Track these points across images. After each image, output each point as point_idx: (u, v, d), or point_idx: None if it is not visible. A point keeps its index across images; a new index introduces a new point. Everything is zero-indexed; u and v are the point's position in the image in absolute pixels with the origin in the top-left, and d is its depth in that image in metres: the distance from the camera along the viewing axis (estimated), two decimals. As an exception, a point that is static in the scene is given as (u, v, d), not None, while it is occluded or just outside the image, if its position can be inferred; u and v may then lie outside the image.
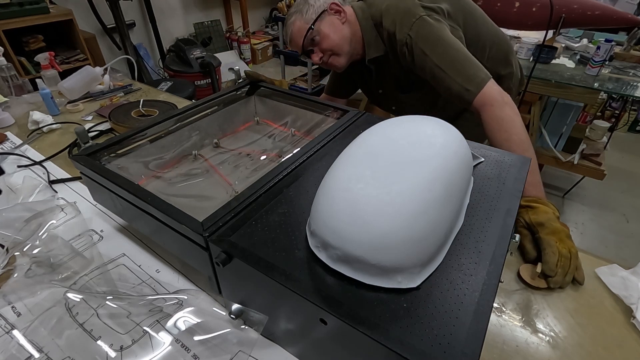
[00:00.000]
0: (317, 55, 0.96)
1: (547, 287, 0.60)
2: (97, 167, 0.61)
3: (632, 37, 1.97)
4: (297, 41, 0.95)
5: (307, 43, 0.94)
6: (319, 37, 0.93)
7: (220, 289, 0.53)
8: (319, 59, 0.96)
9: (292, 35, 0.96)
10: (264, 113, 0.95)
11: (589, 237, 1.98)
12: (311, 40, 0.94)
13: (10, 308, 0.57)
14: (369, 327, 0.35)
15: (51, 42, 2.26)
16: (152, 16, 3.04)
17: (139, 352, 0.50)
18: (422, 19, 0.84)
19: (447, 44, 0.84)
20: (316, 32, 0.92)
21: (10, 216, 0.68)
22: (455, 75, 0.83)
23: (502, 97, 0.81)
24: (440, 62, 0.83)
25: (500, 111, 0.80)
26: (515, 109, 0.81)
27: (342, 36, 0.93)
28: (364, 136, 0.51)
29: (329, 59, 0.96)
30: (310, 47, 0.95)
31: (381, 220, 0.38)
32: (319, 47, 0.94)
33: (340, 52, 0.95)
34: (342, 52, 0.95)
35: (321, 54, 0.95)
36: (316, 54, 0.96)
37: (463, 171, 0.49)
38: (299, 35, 0.94)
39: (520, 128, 0.78)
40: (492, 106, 0.80)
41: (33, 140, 1.05)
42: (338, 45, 0.93)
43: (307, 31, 0.92)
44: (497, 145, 0.79)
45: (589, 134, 2.12)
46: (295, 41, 0.96)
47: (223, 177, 0.74)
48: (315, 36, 0.93)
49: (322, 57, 0.96)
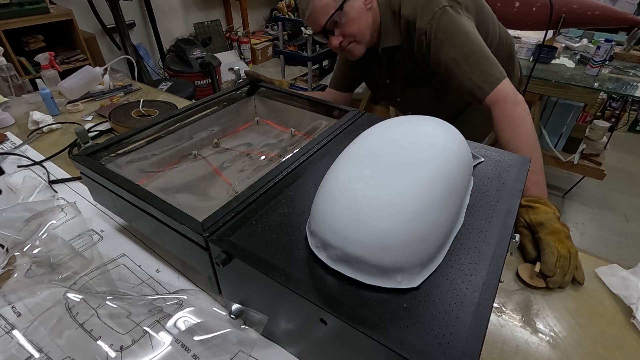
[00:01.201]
0: (337, 39, 0.89)
1: (546, 287, 0.60)
2: (97, 167, 0.61)
3: (632, 37, 1.97)
4: (319, 19, 0.86)
5: (330, 24, 0.86)
6: (344, 20, 0.86)
7: (220, 289, 0.53)
8: (338, 44, 0.90)
9: (313, 10, 0.86)
10: (264, 113, 0.95)
11: (589, 237, 1.98)
12: (334, 22, 0.87)
13: (10, 308, 0.57)
14: (369, 327, 0.35)
15: (51, 42, 2.26)
16: (152, 16, 3.05)
17: (139, 352, 0.50)
18: (445, 9, 0.81)
19: (466, 38, 0.82)
20: (344, 15, 0.85)
21: (10, 216, 0.68)
22: (470, 71, 0.81)
23: (516, 96, 0.80)
24: (457, 56, 0.81)
25: (512, 109, 0.79)
26: (527, 109, 0.80)
27: (366, 23, 0.88)
28: (364, 136, 0.51)
29: (349, 45, 0.90)
30: (332, 28, 0.88)
31: (381, 220, 0.38)
32: (341, 30, 0.88)
33: (361, 40, 0.90)
34: (364, 40, 0.90)
35: (341, 39, 0.89)
36: (336, 38, 0.89)
37: (463, 171, 0.49)
38: (324, 12, 0.85)
39: (530, 128, 0.78)
40: (504, 104, 0.80)
41: (33, 140, 1.05)
42: (362, 33, 0.88)
43: (335, 11, 0.84)
44: (504, 142, 0.79)
45: (589, 134, 2.12)
46: (316, 18, 0.87)
47: (223, 177, 0.74)
48: (341, 18, 0.86)
49: (342, 41, 0.89)
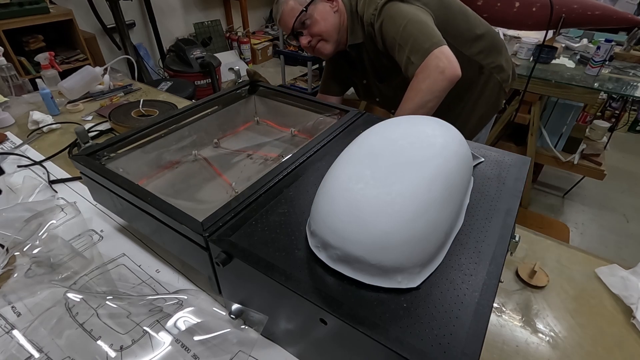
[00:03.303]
0: (306, 38, 0.97)
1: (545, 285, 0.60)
2: (97, 167, 0.61)
3: (632, 37, 1.97)
4: (288, 21, 0.96)
5: (297, 25, 0.95)
6: (309, 21, 0.95)
7: (220, 289, 0.53)
8: (307, 42, 0.98)
9: (282, 14, 0.96)
10: (264, 113, 0.95)
11: (589, 237, 1.98)
12: (302, 23, 0.95)
13: (10, 308, 0.57)
14: (369, 327, 0.35)
15: (51, 42, 2.26)
16: (152, 16, 3.04)
17: (139, 352, 0.50)
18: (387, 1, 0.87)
19: (406, 18, 0.84)
20: (308, 16, 0.94)
21: (10, 216, 0.68)
22: (405, 46, 0.83)
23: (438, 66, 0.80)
24: (396, 35, 0.85)
25: (418, 81, 0.82)
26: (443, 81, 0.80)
27: (332, 23, 0.95)
28: (364, 136, 0.51)
29: (317, 44, 0.98)
30: (300, 29, 0.97)
31: (381, 220, 0.38)
32: (308, 30, 0.96)
33: (328, 39, 0.97)
34: (331, 39, 0.97)
35: (310, 38, 0.97)
36: (305, 37, 0.97)
37: (463, 171, 0.49)
38: (291, 15, 0.94)
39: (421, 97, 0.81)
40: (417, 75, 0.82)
41: (33, 140, 1.05)
42: (327, 32, 0.96)
43: (300, 13, 0.93)
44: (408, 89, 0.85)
45: (589, 134, 2.11)
46: (285, 21, 0.96)
47: (223, 177, 0.74)
48: (306, 19, 0.95)
49: (310, 41, 0.97)
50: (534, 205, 2.17)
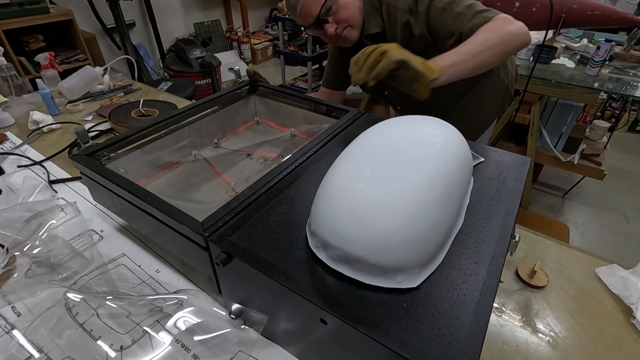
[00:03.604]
0: (332, 26, 0.90)
1: (545, 285, 0.60)
2: (97, 167, 0.61)
3: (632, 37, 1.97)
4: (313, 8, 0.87)
5: (323, 12, 0.87)
6: (336, 6, 0.88)
7: (220, 289, 0.53)
8: (334, 30, 0.90)
9: (305, 2, 0.87)
10: (264, 113, 0.95)
11: (589, 237, 1.98)
12: (327, 11, 0.88)
13: (10, 308, 0.57)
14: (369, 327, 0.35)
15: (51, 42, 2.26)
16: (152, 16, 3.04)
17: (139, 352, 0.50)
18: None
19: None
20: (333, 1, 0.87)
21: (10, 216, 0.68)
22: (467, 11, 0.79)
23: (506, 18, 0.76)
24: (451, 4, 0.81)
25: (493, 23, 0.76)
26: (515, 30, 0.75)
27: (356, 6, 0.89)
28: (364, 136, 0.51)
29: (344, 31, 0.91)
30: (325, 17, 0.89)
31: (381, 220, 0.38)
32: (334, 17, 0.89)
33: (355, 24, 0.91)
34: (357, 24, 0.91)
35: (336, 25, 0.90)
36: (331, 25, 0.90)
37: (463, 171, 0.49)
38: (316, 2, 0.86)
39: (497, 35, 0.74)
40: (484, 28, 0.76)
41: (33, 140, 1.05)
42: (354, 17, 0.89)
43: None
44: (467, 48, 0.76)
45: (589, 134, 2.11)
46: (309, 8, 0.87)
47: (223, 177, 0.74)
48: (333, 4, 0.87)
49: (337, 28, 0.90)
50: (534, 205, 2.17)
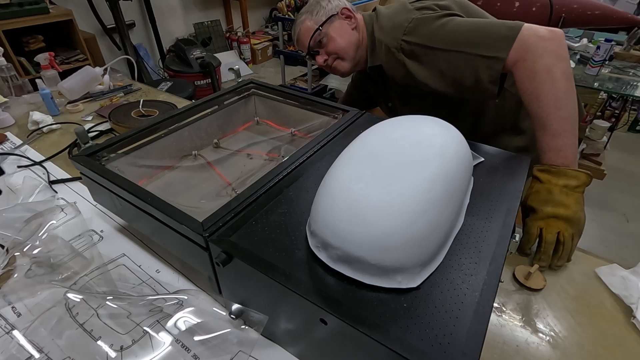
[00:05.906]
0: (322, 57, 0.96)
1: (542, 288, 0.60)
2: (97, 167, 0.61)
3: (632, 36, 1.97)
4: (304, 41, 0.96)
5: (313, 44, 0.95)
6: (325, 40, 0.93)
7: (220, 289, 0.53)
8: (323, 61, 0.96)
9: (299, 34, 0.97)
10: (264, 113, 0.95)
11: (589, 237, 1.98)
12: (318, 42, 0.94)
13: (10, 308, 0.57)
14: (369, 327, 0.35)
15: (51, 42, 2.26)
16: (152, 16, 3.05)
17: (139, 352, 0.50)
18: (415, 20, 0.77)
19: (451, 26, 0.73)
20: (324, 34, 0.93)
21: (10, 216, 0.68)
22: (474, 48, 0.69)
23: (537, 44, 0.64)
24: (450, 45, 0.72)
25: (532, 63, 0.64)
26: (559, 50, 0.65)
27: (349, 41, 0.92)
28: (364, 136, 0.51)
29: (334, 62, 0.96)
30: (317, 48, 0.96)
31: (381, 220, 0.38)
32: (324, 49, 0.95)
33: (345, 57, 0.94)
34: (348, 57, 0.94)
35: (326, 57, 0.96)
36: (321, 56, 0.96)
37: (463, 171, 0.49)
38: (307, 35, 0.94)
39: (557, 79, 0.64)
40: (523, 61, 0.65)
41: (33, 141, 1.05)
42: (344, 50, 0.93)
43: (315, 32, 0.93)
44: (527, 106, 0.68)
45: (589, 134, 2.12)
46: (302, 40, 0.96)
47: (223, 177, 0.74)
48: (322, 38, 0.93)
49: (326, 59, 0.96)
50: (534, 205, 2.16)
